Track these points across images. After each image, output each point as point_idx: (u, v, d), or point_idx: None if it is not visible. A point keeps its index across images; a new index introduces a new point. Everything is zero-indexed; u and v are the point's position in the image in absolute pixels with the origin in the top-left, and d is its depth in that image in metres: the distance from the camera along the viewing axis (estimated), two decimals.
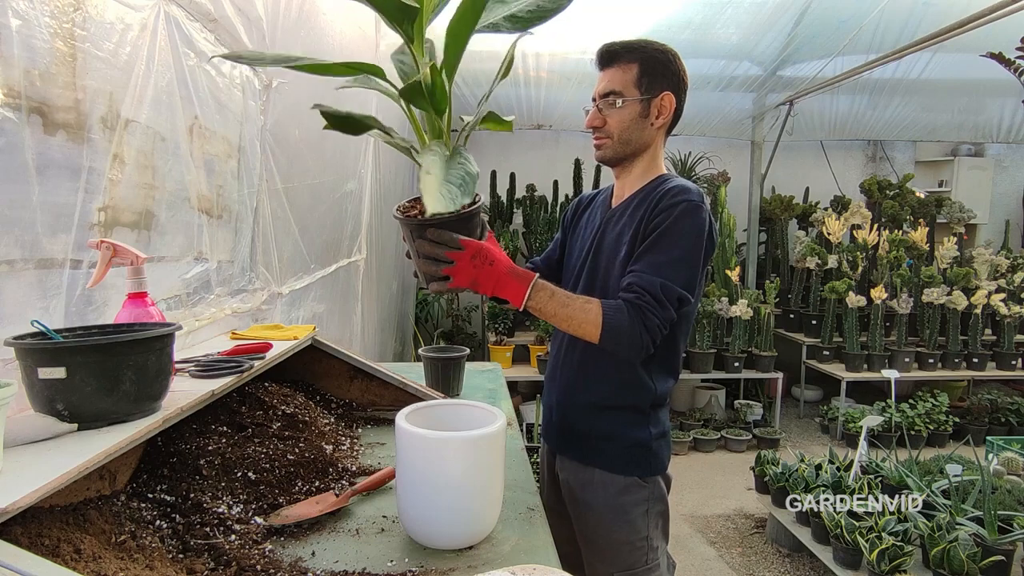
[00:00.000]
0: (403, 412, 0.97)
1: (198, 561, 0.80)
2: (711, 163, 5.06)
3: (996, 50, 2.71)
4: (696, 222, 1.17)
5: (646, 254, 1.17)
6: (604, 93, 1.25)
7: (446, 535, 0.91)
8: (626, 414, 1.27)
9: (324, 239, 2.34)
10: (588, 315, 1.11)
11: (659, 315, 1.12)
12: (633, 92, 1.23)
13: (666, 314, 1.13)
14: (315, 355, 1.48)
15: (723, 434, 4.18)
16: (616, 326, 1.10)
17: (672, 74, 1.25)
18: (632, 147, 1.27)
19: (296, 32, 1.87)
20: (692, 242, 1.17)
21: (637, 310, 1.11)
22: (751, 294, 4.42)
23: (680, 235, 1.16)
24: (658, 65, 1.24)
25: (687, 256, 1.16)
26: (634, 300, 1.12)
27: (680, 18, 3.60)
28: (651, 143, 1.28)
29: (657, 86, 1.24)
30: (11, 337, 0.77)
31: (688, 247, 1.17)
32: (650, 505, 1.28)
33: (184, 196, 1.31)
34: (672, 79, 1.25)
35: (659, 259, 1.15)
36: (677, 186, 1.21)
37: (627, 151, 1.27)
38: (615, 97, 1.23)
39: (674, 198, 1.18)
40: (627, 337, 1.11)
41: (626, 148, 1.27)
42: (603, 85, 1.26)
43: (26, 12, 0.85)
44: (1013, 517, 2.19)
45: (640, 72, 1.23)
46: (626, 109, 1.24)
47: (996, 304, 4.41)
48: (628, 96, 1.23)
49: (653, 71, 1.24)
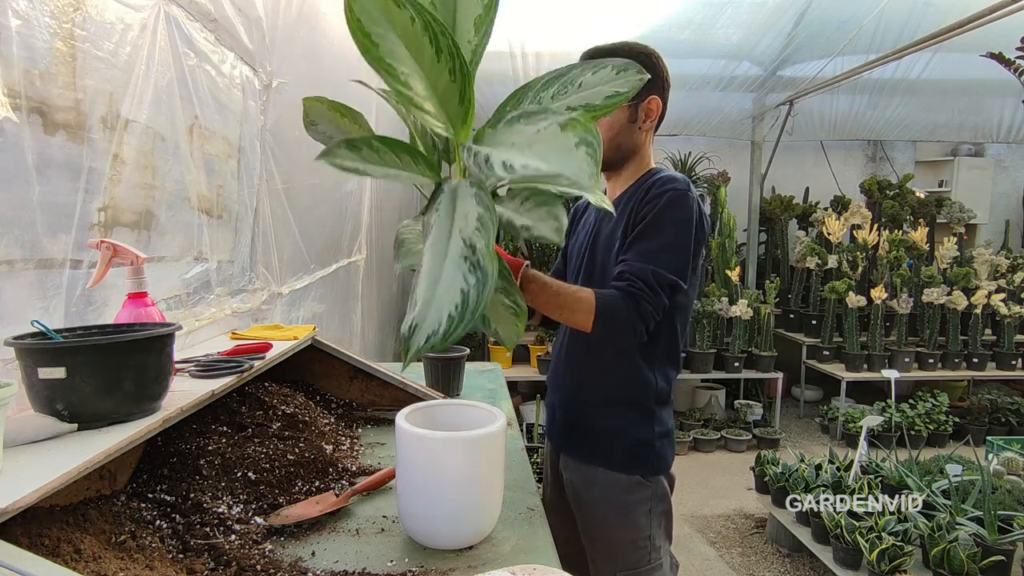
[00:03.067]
0: (403, 412, 0.97)
1: (198, 561, 0.80)
2: (711, 163, 5.06)
3: (996, 50, 2.71)
4: (683, 209, 1.18)
5: (636, 243, 1.18)
6: None
7: (446, 535, 0.91)
8: (629, 411, 1.27)
9: (324, 239, 2.34)
10: (581, 303, 1.11)
11: (652, 301, 1.13)
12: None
13: (658, 300, 1.14)
14: (315, 355, 1.48)
15: (723, 434, 4.18)
16: (609, 313, 1.11)
17: (657, 76, 1.26)
18: (623, 152, 1.28)
19: (296, 32, 1.87)
20: (680, 229, 1.18)
21: (630, 297, 1.12)
22: (751, 294, 4.42)
23: (668, 223, 1.18)
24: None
25: (676, 243, 1.18)
26: (626, 287, 1.13)
27: (680, 18, 3.61)
28: (641, 145, 1.29)
29: (643, 91, 1.24)
30: (11, 337, 0.76)
31: (677, 234, 1.18)
32: (653, 504, 1.28)
33: (184, 196, 1.31)
34: (657, 82, 1.26)
35: (648, 247, 1.17)
36: (664, 176, 1.23)
37: (618, 157, 1.28)
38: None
39: (661, 187, 1.20)
40: (621, 324, 1.12)
41: (617, 154, 1.28)
42: None
43: (26, 12, 0.85)
44: (1013, 517, 2.19)
45: None
46: (615, 117, 1.24)
47: (996, 304, 4.41)
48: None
49: None
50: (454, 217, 0.65)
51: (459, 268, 0.62)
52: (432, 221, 0.67)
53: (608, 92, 0.69)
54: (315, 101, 0.90)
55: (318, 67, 2.15)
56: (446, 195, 0.68)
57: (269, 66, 1.68)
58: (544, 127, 0.60)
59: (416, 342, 0.62)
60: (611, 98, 0.69)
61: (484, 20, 0.69)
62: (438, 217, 0.66)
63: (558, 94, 0.70)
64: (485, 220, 0.62)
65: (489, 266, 0.61)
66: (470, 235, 0.63)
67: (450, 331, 0.61)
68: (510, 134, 0.63)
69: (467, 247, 0.63)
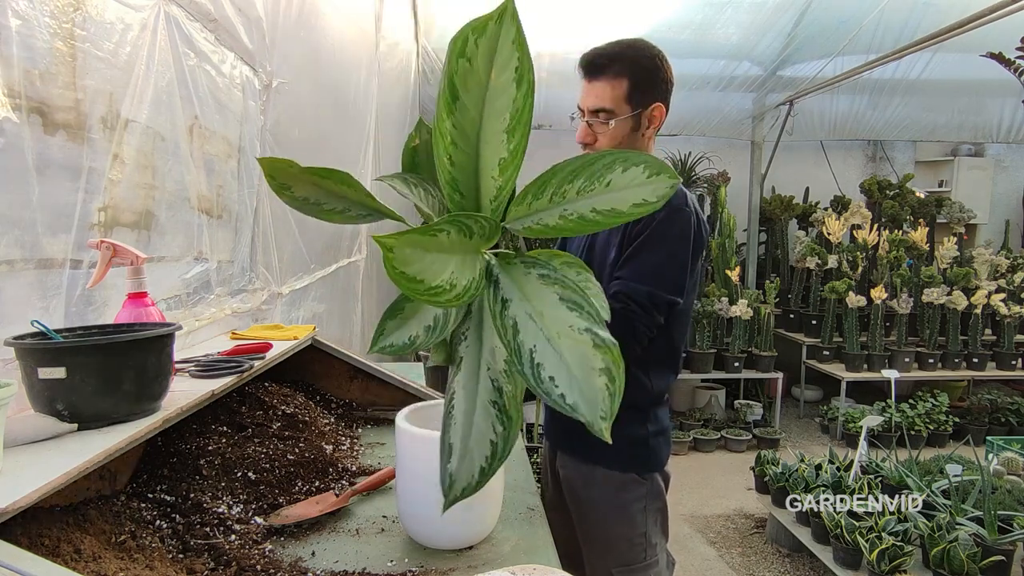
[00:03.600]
0: (403, 412, 0.97)
1: (198, 561, 0.80)
2: (711, 163, 5.06)
3: (996, 50, 2.72)
4: (679, 224, 1.17)
5: (630, 261, 1.17)
6: (594, 109, 1.22)
7: (446, 535, 0.91)
8: (625, 411, 1.27)
9: (324, 239, 2.34)
10: None
11: (646, 322, 1.13)
12: (625, 109, 1.21)
13: (652, 320, 1.14)
14: (315, 355, 1.48)
15: (723, 434, 4.18)
16: None
17: (661, 82, 1.23)
18: None
19: (296, 32, 1.87)
20: (676, 244, 1.17)
21: (625, 319, 1.12)
22: (751, 294, 4.42)
23: (663, 239, 1.16)
24: (648, 76, 1.21)
25: (672, 259, 1.17)
26: (621, 310, 1.12)
27: (680, 18, 3.61)
28: (643, 151, 1.28)
29: (648, 98, 1.21)
30: (11, 337, 0.76)
31: (672, 250, 1.17)
32: (648, 502, 1.29)
33: (184, 196, 1.31)
34: (661, 87, 1.23)
35: (644, 266, 1.16)
36: None
37: None
38: (606, 116, 1.20)
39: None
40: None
41: None
42: (592, 100, 1.22)
43: (26, 12, 0.85)
44: (1013, 517, 2.19)
45: (631, 87, 1.20)
46: (618, 128, 1.21)
47: (996, 304, 4.41)
48: (620, 114, 1.20)
49: (644, 84, 1.21)
50: (481, 353, 0.71)
51: (488, 416, 0.70)
52: (461, 352, 0.73)
53: (636, 200, 0.66)
54: (281, 164, 0.72)
55: (318, 67, 2.15)
56: (473, 320, 0.73)
57: (269, 66, 1.68)
58: (574, 322, 0.62)
59: (454, 494, 0.70)
60: (638, 206, 0.66)
61: (509, 164, 0.67)
62: (467, 349, 0.73)
63: (584, 190, 0.66)
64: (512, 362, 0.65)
65: (514, 413, 0.68)
66: (497, 376, 0.70)
67: (481, 482, 0.69)
68: (537, 292, 0.65)
69: (495, 390, 0.70)
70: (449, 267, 0.61)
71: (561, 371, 0.61)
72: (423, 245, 0.58)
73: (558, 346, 0.62)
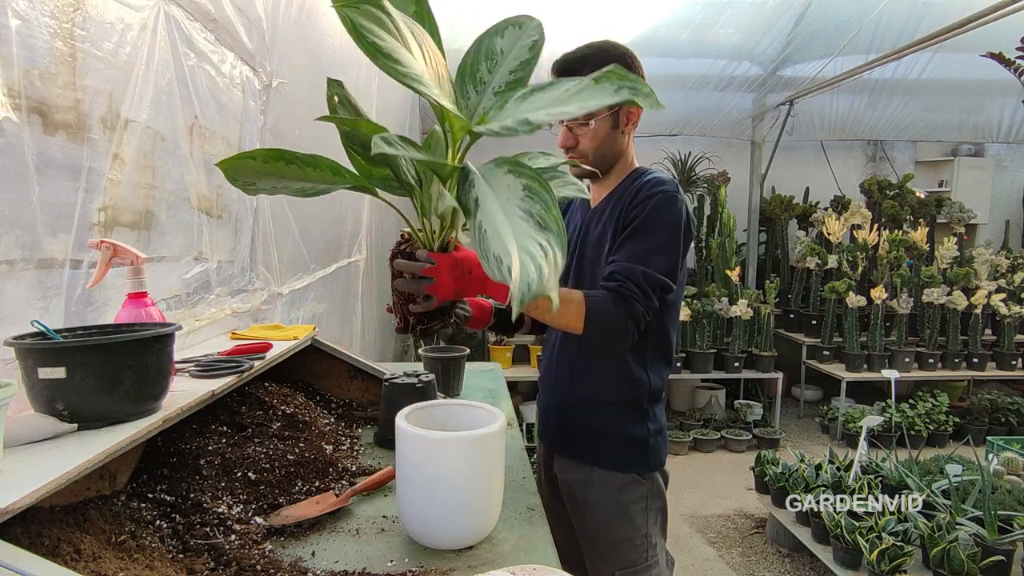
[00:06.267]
0: (403, 412, 0.97)
1: (198, 561, 0.80)
2: (711, 163, 5.06)
3: (996, 50, 2.72)
4: (672, 212, 1.19)
5: (625, 244, 1.19)
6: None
7: (446, 535, 0.91)
8: (624, 411, 1.28)
9: (324, 239, 2.34)
10: (571, 305, 1.10)
11: (642, 302, 1.13)
12: (603, 109, 1.22)
13: (649, 301, 1.14)
14: (315, 355, 1.48)
15: (723, 434, 4.18)
16: (600, 315, 1.11)
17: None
18: (608, 160, 1.28)
19: (296, 32, 1.87)
20: (670, 231, 1.18)
21: (620, 298, 1.12)
22: (751, 294, 4.42)
23: (657, 225, 1.18)
24: None
25: (665, 245, 1.18)
26: (617, 288, 1.13)
27: (680, 18, 3.61)
28: (624, 148, 1.29)
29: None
30: (11, 337, 0.76)
31: (666, 236, 1.18)
32: (649, 502, 1.29)
33: (184, 196, 1.31)
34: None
35: (638, 248, 1.17)
36: (653, 178, 1.23)
37: (604, 165, 1.28)
38: (586, 118, 1.22)
39: (650, 190, 1.20)
40: (612, 325, 1.12)
41: (603, 163, 1.27)
42: None
43: (26, 12, 0.85)
44: (1013, 517, 2.19)
45: None
46: (598, 128, 1.23)
47: (996, 304, 4.41)
48: (598, 115, 1.22)
49: None
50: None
51: (525, 226, 0.71)
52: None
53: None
54: (240, 162, 0.72)
55: (318, 67, 2.15)
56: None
57: (269, 66, 1.68)
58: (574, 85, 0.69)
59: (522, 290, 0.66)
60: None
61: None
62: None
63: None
64: (534, 188, 0.71)
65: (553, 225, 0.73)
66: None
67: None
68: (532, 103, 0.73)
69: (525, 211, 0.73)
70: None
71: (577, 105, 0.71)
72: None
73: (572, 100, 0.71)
